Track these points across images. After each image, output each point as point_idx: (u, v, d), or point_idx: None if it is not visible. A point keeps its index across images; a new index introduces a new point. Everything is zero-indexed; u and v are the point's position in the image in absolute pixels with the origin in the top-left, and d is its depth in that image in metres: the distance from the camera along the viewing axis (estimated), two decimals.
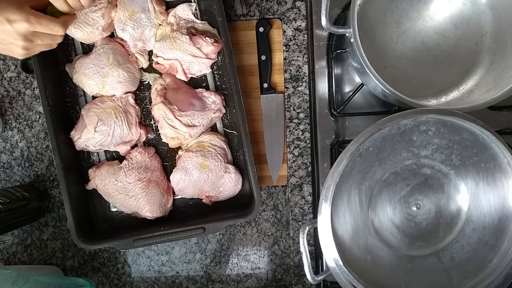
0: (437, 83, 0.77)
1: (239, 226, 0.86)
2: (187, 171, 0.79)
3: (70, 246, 0.87)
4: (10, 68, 0.85)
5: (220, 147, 0.80)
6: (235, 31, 0.82)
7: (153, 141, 0.84)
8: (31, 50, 0.61)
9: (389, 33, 0.76)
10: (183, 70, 0.80)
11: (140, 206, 0.79)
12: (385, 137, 0.66)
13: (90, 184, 0.81)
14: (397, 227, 0.72)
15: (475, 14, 0.75)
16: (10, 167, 0.87)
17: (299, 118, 0.83)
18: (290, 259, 0.86)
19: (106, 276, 0.88)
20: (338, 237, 0.65)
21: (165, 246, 0.87)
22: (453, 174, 0.71)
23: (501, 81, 0.68)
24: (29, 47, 0.60)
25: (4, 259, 0.88)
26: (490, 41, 0.75)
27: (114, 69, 0.77)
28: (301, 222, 0.85)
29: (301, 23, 0.82)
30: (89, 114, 0.78)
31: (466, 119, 0.60)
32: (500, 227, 0.66)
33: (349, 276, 0.62)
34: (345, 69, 0.81)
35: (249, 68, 0.83)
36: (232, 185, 0.81)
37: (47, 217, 0.87)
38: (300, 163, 0.84)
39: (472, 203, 0.70)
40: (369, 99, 0.81)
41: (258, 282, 0.87)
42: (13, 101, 0.86)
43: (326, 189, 0.61)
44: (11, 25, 0.56)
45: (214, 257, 0.87)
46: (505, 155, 0.62)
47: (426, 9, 0.76)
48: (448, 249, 0.71)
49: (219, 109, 0.80)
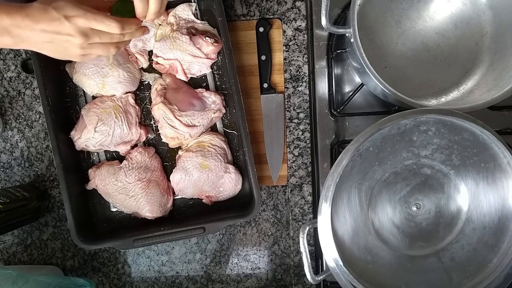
0: (437, 83, 0.77)
1: (239, 226, 0.86)
2: (187, 171, 0.79)
3: (70, 246, 0.87)
4: (10, 68, 0.85)
5: (220, 147, 0.80)
6: (235, 31, 0.82)
7: (153, 141, 0.84)
8: (88, 50, 0.59)
9: (389, 33, 0.76)
10: (183, 70, 0.80)
11: (140, 206, 0.79)
12: (385, 137, 0.66)
13: (90, 184, 0.81)
14: (397, 227, 0.72)
15: (475, 14, 0.75)
16: (10, 167, 0.87)
17: (299, 118, 0.83)
18: (290, 259, 0.86)
19: (106, 276, 0.88)
20: (338, 237, 0.65)
21: (165, 246, 0.87)
22: (453, 174, 0.71)
23: (501, 81, 0.68)
24: (86, 46, 0.58)
25: (4, 259, 0.88)
26: (490, 41, 0.75)
27: (114, 69, 0.77)
28: (301, 222, 0.85)
29: (301, 23, 0.82)
30: (89, 114, 0.78)
31: (466, 119, 0.60)
32: (500, 227, 0.66)
33: (349, 276, 0.62)
34: (345, 69, 0.81)
35: (249, 68, 0.83)
36: (232, 185, 0.81)
37: (47, 217, 0.87)
38: (300, 163, 0.84)
39: (472, 203, 0.70)
40: (369, 99, 0.81)
41: (258, 282, 0.87)
42: (13, 101, 0.86)
43: (326, 189, 0.61)
44: (69, 21, 0.55)
45: (214, 257, 0.87)
46: (505, 155, 0.62)
47: (426, 9, 0.76)
48: (448, 249, 0.71)
49: (219, 109, 0.80)
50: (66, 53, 0.59)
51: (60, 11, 0.55)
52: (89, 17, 0.56)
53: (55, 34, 0.56)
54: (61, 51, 0.59)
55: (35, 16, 0.55)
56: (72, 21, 0.55)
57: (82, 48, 0.58)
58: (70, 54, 0.59)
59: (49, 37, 0.56)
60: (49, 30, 0.55)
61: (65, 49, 0.58)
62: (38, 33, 0.56)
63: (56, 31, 0.56)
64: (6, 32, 0.55)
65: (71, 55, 0.60)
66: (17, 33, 0.55)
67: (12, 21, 0.54)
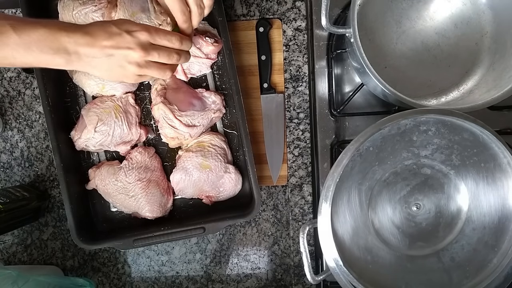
0: (437, 83, 0.77)
1: (239, 226, 0.86)
2: (187, 171, 0.79)
3: (70, 246, 0.87)
4: (10, 68, 0.85)
5: (220, 147, 0.80)
6: (235, 31, 0.82)
7: (153, 141, 0.84)
8: (145, 70, 0.58)
9: (389, 33, 0.76)
10: (183, 70, 0.80)
11: (140, 206, 0.79)
12: (385, 137, 0.66)
13: (90, 184, 0.81)
14: (397, 227, 0.72)
15: (475, 14, 0.75)
16: (10, 167, 0.87)
17: (299, 118, 0.83)
18: (290, 259, 0.86)
19: (106, 276, 0.88)
20: (338, 237, 0.65)
21: (165, 246, 0.87)
22: (453, 174, 0.71)
23: (501, 81, 0.68)
24: (144, 65, 0.57)
25: (4, 259, 0.88)
26: (490, 41, 0.75)
27: None
28: (301, 222, 0.85)
29: (301, 23, 0.82)
30: (89, 114, 0.78)
31: (466, 119, 0.60)
32: (500, 227, 0.66)
33: (349, 276, 0.62)
34: (345, 69, 0.81)
35: (249, 68, 0.83)
36: (232, 185, 0.81)
37: (47, 217, 0.87)
38: (300, 163, 0.84)
39: (472, 203, 0.70)
40: (369, 99, 0.81)
41: (258, 282, 0.87)
42: (13, 101, 0.86)
43: (326, 189, 0.61)
44: (131, 35, 0.55)
45: (214, 257, 0.87)
46: (505, 155, 0.62)
47: (426, 9, 0.76)
48: (448, 249, 0.71)
49: (219, 109, 0.80)
50: (122, 72, 0.58)
51: (121, 26, 0.55)
52: (151, 31, 0.56)
53: (114, 49, 0.55)
54: (116, 70, 0.57)
55: (95, 33, 0.54)
56: (134, 35, 0.55)
57: (139, 67, 0.57)
58: (126, 74, 0.58)
59: (107, 52, 0.55)
60: (109, 45, 0.55)
61: (122, 68, 0.57)
62: (97, 49, 0.55)
63: (116, 45, 0.55)
64: (63, 49, 0.54)
65: (127, 74, 0.58)
66: (74, 50, 0.54)
67: (71, 38, 0.53)
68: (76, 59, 0.55)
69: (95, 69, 0.57)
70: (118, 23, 0.56)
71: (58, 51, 0.54)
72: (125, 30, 0.55)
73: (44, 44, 0.53)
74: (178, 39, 0.59)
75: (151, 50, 0.57)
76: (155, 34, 0.57)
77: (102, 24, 0.56)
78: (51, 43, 0.53)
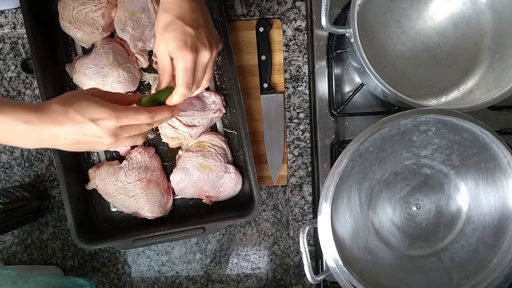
0: (437, 83, 0.77)
1: (239, 226, 0.86)
2: (187, 171, 0.79)
3: (70, 246, 0.87)
4: (10, 68, 0.85)
5: (220, 147, 0.80)
6: (235, 31, 0.82)
7: (153, 141, 0.84)
8: (116, 145, 0.56)
9: (389, 33, 0.76)
10: None
11: (140, 206, 0.79)
12: (385, 137, 0.66)
13: (90, 184, 0.81)
14: (397, 227, 0.72)
15: (475, 14, 0.75)
16: (10, 167, 0.87)
17: (299, 118, 0.83)
18: (290, 259, 0.86)
19: (106, 276, 0.88)
20: (338, 237, 0.65)
21: (165, 246, 0.87)
22: (453, 174, 0.71)
23: (501, 81, 0.68)
24: (115, 143, 0.55)
25: (4, 259, 0.88)
26: (490, 41, 0.75)
27: (114, 69, 0.77)
28: (301, 222, 0.85)
29: (301, 23, 0.82)
30: None
31: (466, 119, 0.60)
32: (500, 227, 0.66)
33: (349, 276, 0.62)
34: (345, 69, 0.81)
35: (249, 68, 0.83)
36: (232, 185, 0.81)
37: (47, 217, 0.87)
38: (300, 163, 0.84)
39: (472, 203, 0.70)
40: (369, 99, 0.81)
41: (258, 282, 0.87)
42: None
43: (326, 189, 0.61)
44: (96, 124, 0.52)
45: (214, 257, 0.87)
46: (505, 155, 0.62)
47: (426, 9, 0.76)
48: (448, 249, 0.71)
49: (219, 109, 0.80)
50: (91, 149, 0.57)
51: (85, 114, 0.52)
52: (119, 117, 0.53)
53: (81, 136, 0.53)
54: (86, 148, 0.56)
55: (56, 119, 0.51)
56: (99, 124, 0.52)
57: (109, 145, 0.56)
58: (95, 150, 0.58)
59: (73, 139, 0.53)
60: (74, 133, 0.52)
61: (91, 147, 0.56)
62: (61, 135, 0.52)
63: (82, 133, 0.52)
64: (21, 135, 0.51)
65: (97, 150, 0.58)
66: (34, 137, 0.52)
67: (30, 126, 0.51)
68: (37, 143, 0.53)
69: (63, 149, 0.55)
70: (81, 110, 0.52)
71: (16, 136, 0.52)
72: (89, 118, 0.52)
73: (3, 130, 0.51)
74: (149, 117, 0.56)
75: (120, 133, 0.55)
76: (123, 117, 0.53)
77: (64, 109, 0.52)
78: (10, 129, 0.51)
